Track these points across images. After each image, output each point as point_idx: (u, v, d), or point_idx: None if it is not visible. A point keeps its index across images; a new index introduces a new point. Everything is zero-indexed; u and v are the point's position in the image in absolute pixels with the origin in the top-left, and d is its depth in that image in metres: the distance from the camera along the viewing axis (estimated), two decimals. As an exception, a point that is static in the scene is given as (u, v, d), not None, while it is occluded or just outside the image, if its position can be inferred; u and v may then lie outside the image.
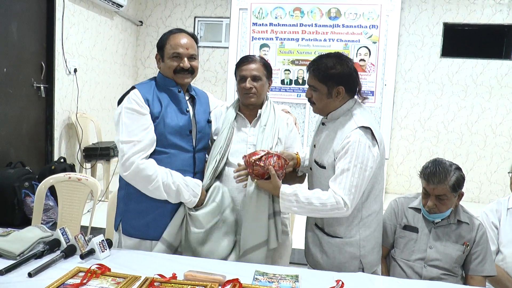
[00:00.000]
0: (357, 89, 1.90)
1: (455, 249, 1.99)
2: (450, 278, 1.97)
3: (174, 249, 1.99)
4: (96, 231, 2.65)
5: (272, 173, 1.83)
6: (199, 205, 1.98)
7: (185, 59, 1.98)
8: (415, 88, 5.94)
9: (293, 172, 2.10)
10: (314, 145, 1.98)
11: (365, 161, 1.73)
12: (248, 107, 2.12)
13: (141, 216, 1.98)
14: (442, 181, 1.91)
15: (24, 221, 3.68)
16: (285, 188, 1.80)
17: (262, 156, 1.83)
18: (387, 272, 2.11)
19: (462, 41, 5.86)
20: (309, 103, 1.97)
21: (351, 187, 1.72)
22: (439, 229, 2.03)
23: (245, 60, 2.10)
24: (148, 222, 1.97)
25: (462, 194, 2.01)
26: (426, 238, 2.03)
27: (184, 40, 2.00)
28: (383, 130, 5.45)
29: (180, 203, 1.99)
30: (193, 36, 2.05)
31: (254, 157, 1.83)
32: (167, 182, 1.90)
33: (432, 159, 2.03)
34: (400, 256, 2.07)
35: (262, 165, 1.82)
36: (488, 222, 2.34)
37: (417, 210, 2.10)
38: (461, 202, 2.06)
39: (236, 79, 2.13)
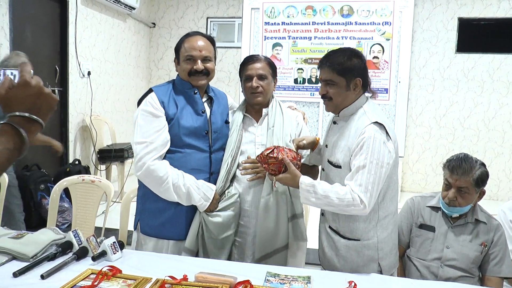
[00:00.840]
0: (369, 84, 1.87)
1: (473, 249, 1.95)
2: (467, 279, 1.93)
3: (195, 254, 2.01)
4: (111, 232, 2.66)
5: (287, 162, 1.79)
6: (212, 209, 1.98)
7: (199, 61, 1.98)
8: (430, 84, 5.84)
9: (306, 167, 2.09)
10: (326, 145, 1.95)
11: (381, 157, 1.69)
12: (254, 107, 2.11)
13: (157, 215, 1.99)
14: (467, 173, 1.88)
15: (40, 223, 3.73)
16: (304, 178, 1.77)
17: (273, 149, 1.82)
18: (402, 272, 2.08)
19: (478, 36, 5.75)
20: (322, 101, 1.92)
21: (368, 184, 1.68)
22: (456, 229, 1.98)
23: (250, 60, 2.09)
24: (163, 222, 1.99)
25: (483, 192, 1.97)
26: (443, 238, 1.99)
27: (198, 42, 1.99)
28: (398, 128, 5.39)
29: (196, 207, 1.99)
30: (209, 38, 2.05)
31: (266, 152, 1.82)
32: (177, 184, 1.90)
33: (458, 153, 2.00)
34: (416, 255, 2.04)
35: (276, 156, 1.80)
36: (506, 220, 2.29)
37: (434, 208, 2.06)
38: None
39: (241, 79, 2.11)
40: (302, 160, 2.04)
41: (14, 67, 0.91)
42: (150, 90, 2.02)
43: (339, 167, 1.82)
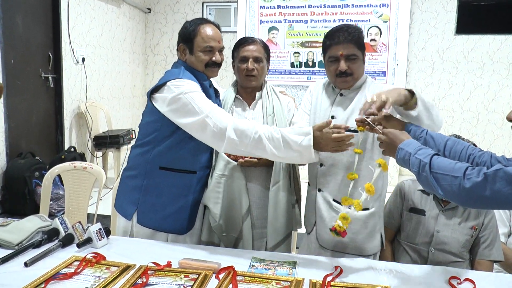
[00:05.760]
0: None
1: (463, 233, 1.94)
2: (458, 264, 1.92)
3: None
4: (105, 219, 2.67)
5: None
6: (327, 148, 1.67)
7: (217, 52, 1.90)
8: (429, 67, 5.78)
9: None
10: (333, 116, 1.87)
11: None
12: (247, 90, 2.06)
13: (159, 209, 1.91)
14: None
15: (35, 210, 3.71)
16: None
17: None
18: (392, 256, 2.06)
19: (478, 17, 5.66)
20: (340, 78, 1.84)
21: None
22: (447, 212, 1.96)
23: (246, 41, 2.03)
24: (165, 216, 1.91)
25: None
26: (433, 221, 1.97)
27: (216, 32, 1.91)
28: (396, 111, 5.33)
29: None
30: (218, 26, 1.97)
31: None
32: (268, 132, 1.68)
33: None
34: (406, 239, 2.02)
35: None
36: (500, 203, 2.26)
37: (425, 192, 2.04)
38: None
39: (234, 60, 2.06)
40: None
41: None
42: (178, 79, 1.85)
43: (356, 131, 1.72)
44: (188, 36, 1.90)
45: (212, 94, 1.98)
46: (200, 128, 1.74)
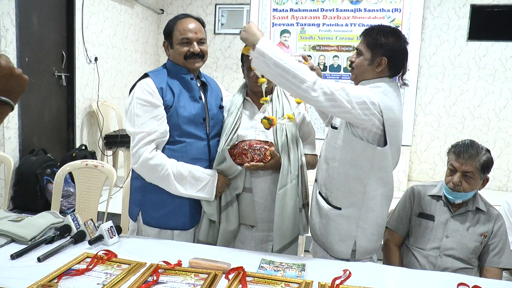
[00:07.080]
0: (401, 72, 1.84)
1: (472, 239, 1.93)
2: (466, 270, 1.91)
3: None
4: (114, 217, 2.69)
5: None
6: (221, 190, 1.97)
7: (195, 43, 1.94)
8: (440, 73, 5.75)
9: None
10: None
11: (369, 97, 1.65)
12: (257, 93, 2.08)
13: (160, 207, 1.95)
14: (473, 157, 1.86)
15: (46, 207, 3.77)
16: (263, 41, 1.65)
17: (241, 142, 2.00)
18: (400, 261, 2.06)
19: (490, 23, 5.62)
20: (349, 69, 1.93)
21: (334, 86, 1.63)
22: (456, 218, 1.96)
23: None
24: (167, 213, 1.95)
25: (487, 180, 1.94)
26: (442, 227, 1.97)
27: (192, 24, 1.96)
28: (406, 116, 5.32)
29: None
30: (199, 20, 2.02)
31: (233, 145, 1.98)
32: (177, 170, 1.87)
33: (464, 139, 1.98)
34: (415, 244, 2.02)
35: (246, 147, 1.94)
36: (510, 211, 2.26)
37: (435, 197, 2.04)
38: (488, 190, 1.99)
39: (243, 66, 2.08)
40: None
41: None
42: (146, 75, 1.96)
43: (336, 128, 1.86)
44: (168, 31, 1.99)
45: (195, 87, 2.00)
46: (130, 138, 1.92)
